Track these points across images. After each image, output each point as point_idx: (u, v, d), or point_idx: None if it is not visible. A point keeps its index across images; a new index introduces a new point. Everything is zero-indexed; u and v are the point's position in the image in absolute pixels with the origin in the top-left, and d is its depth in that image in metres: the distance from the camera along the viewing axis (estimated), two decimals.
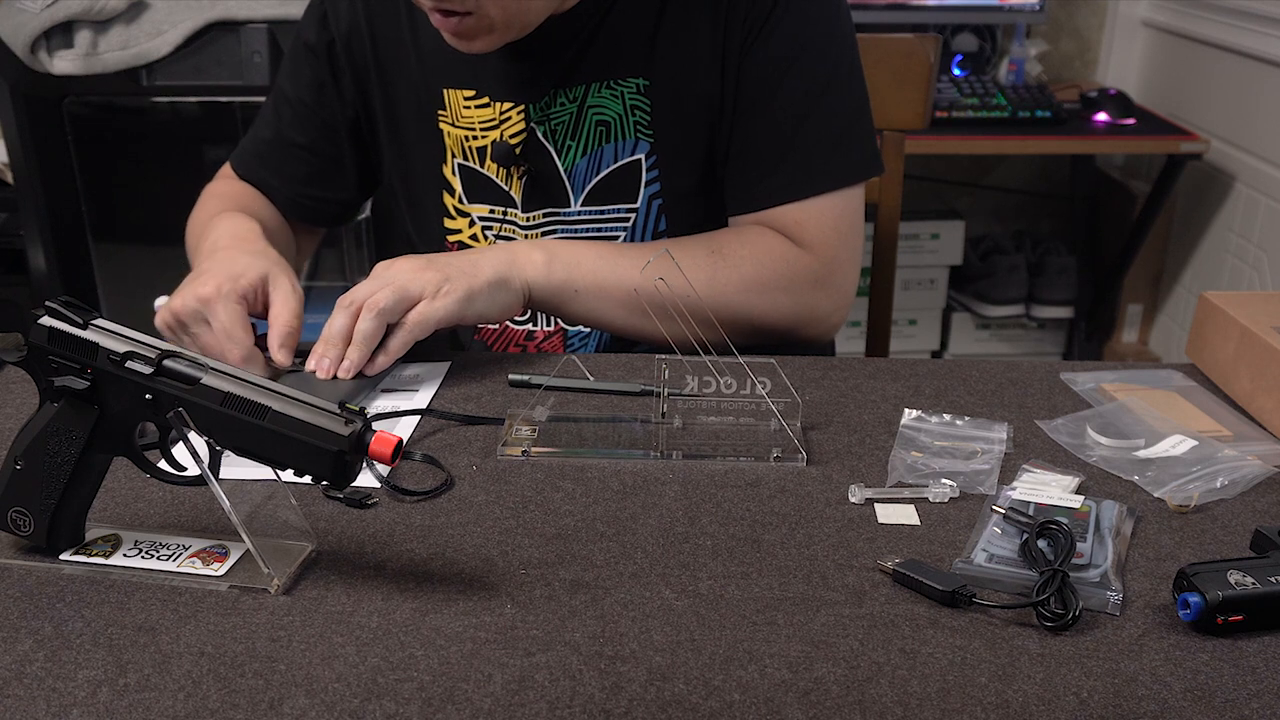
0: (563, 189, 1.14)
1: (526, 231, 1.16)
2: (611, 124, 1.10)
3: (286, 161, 1.22)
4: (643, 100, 1.09)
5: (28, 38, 2.04)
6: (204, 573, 0.72)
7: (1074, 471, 0.86)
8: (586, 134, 1.11)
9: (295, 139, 1.21)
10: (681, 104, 1.09)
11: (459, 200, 1.17)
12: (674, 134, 1.10)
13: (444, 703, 0.62)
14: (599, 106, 1.10)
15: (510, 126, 1.12)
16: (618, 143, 1.11)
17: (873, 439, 0.92)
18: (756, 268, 1.07)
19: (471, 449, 0.90)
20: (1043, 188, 2.98)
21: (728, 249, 1.07)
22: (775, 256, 1.08)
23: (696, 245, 1.08)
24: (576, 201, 1.13)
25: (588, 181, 1.13)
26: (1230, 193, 2.49)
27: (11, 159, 2.18)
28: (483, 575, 0.73)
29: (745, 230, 1.10)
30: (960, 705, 0.62)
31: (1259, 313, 1.00)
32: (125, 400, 0.70)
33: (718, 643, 0.67)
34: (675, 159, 1.11)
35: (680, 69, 1.08)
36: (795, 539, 0.78)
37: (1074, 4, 2.84)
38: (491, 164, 1.14)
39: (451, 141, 1.15)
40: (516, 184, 1.14)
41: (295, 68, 1.20)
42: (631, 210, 1.13)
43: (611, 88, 1.09)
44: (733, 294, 1.06)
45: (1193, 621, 0.68)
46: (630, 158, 1.11)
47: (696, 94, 1.09)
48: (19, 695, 0.62)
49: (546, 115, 1.11)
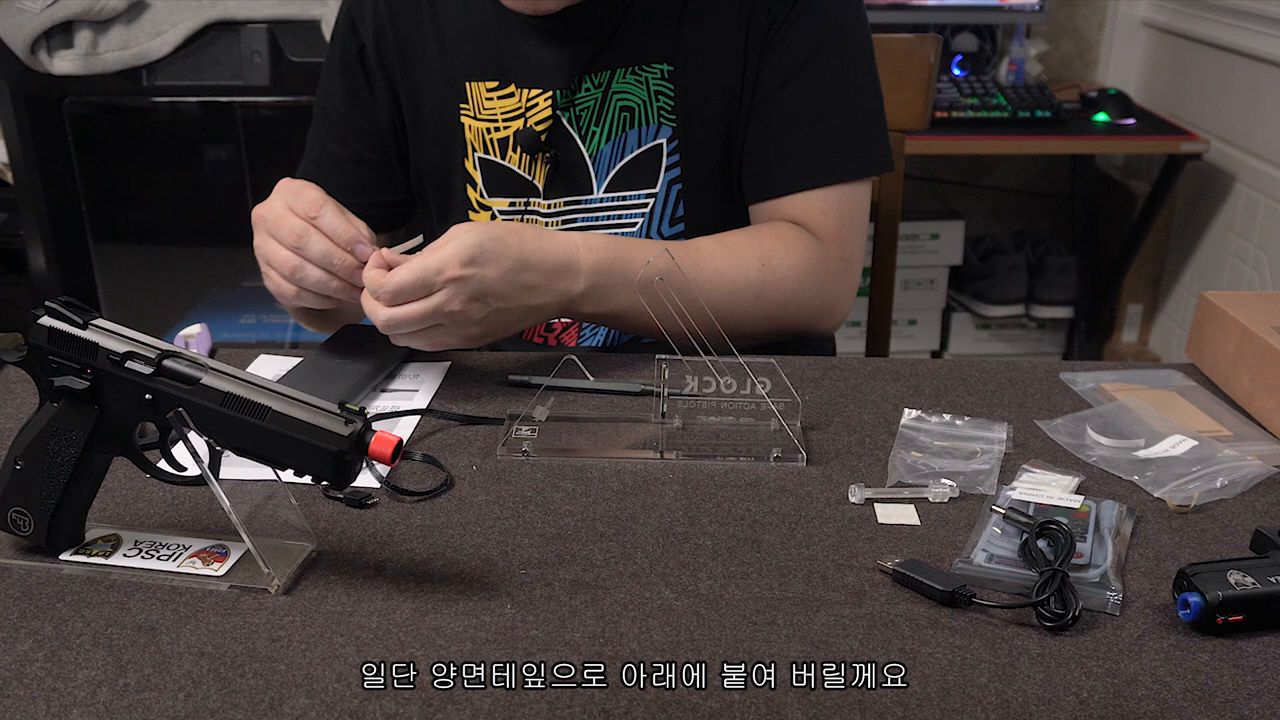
0: (586, 175, 1.14)
1: (548, 220, 1.16)
2: (636, 109, 1.12)
3: (334, 175, 1.21)
4: (667, 86, 1.11)
5: (28, 38, 2.04)
6: (204, 573, 0.72)
7: (1074, 471, 0.86)
8: (611, 120, 1.12)
9: (338, 152, 1.21)
10: (704, 90, 1.12)
11: (480, 194, 1.18)
12: (696, 120, 1.12)
13: (444, 703, 0.62)
14: (624, 92, 1.11)
15: (536, 113, 1.13)
16: (641, 128, 1.13)
17: (873, 439, 0.92)
18: (799, 281, 1.10)
19: (471, 449, 0.90)
20: (1042, 188, 2.98)
21: (775, 260, 1.09)
22: (813, 262, 1.10)
23: (748, 255, 1.08)
24: (600, 188, 1.14)
25: (611, 167, 1.14)
26: (1230, 193, 2.49)
27: (11, 159, 2.18)
28: (483, 575, 0.73)
29: (786, 234, 1.11)
30: (960, 705, 0.62)
31: (1259, 313, 1.00)
32: (125, 400, 0.70)
33: (718, 643, 0.67)
34: (696, 144, 1.13)
35: (704, 56, 1.11)
36: (795, 539, 0.78)
37: (1074, 4, 2.84)
38: (513, 155, 1.15)
39: (473, 135, 1.16)
40: (540, 171, 1.15)
41: (329, 81, 1.21)
42: (651, 195, 1.14)
43: (636, 73, 1.11)
44: (775, 309, 1.10)
45: (1193, 621, 0.68)
46: (653, 143, 1.13)
47: (718, 81, 1.11)
48: (19, 695, 0.62)
49: (572, 101, 1.12)
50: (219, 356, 1.07)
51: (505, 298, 0.96)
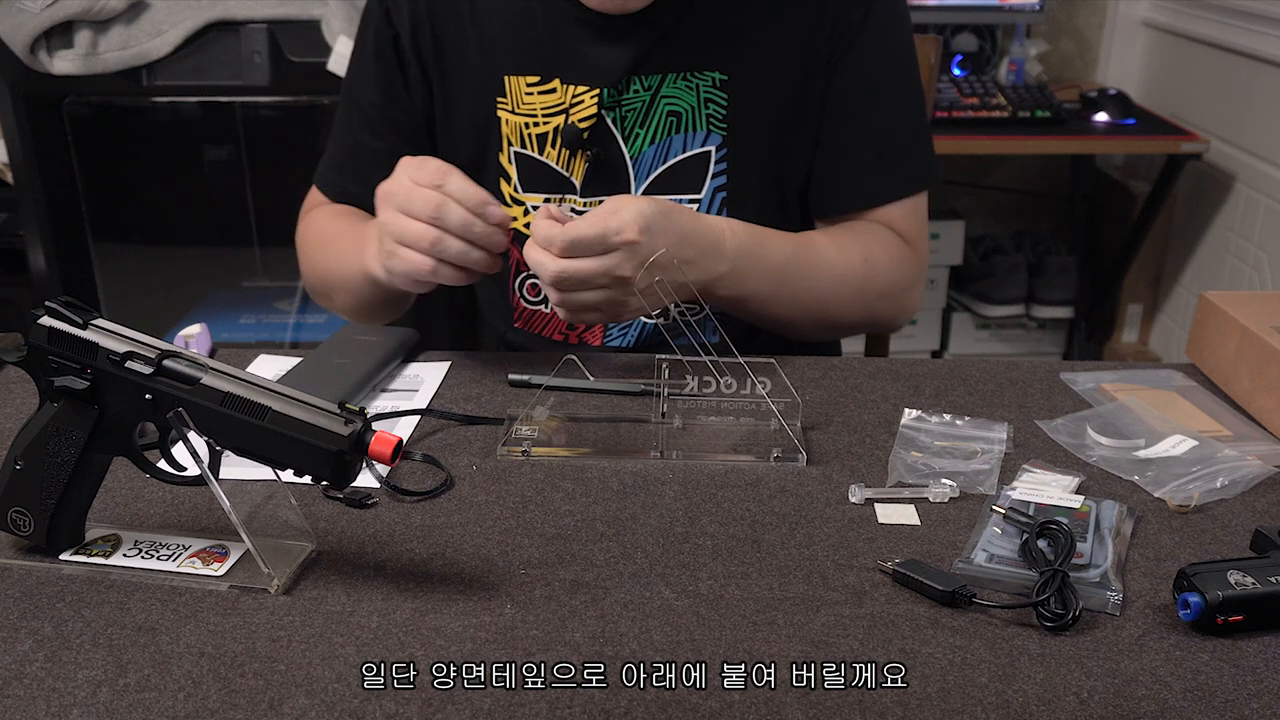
0: (625, 176, 1.14)
1: None
2: (683, 115, 1.12)
3: (367, 168, 1.20)
4: (719, 94, 1.11)
5: (28, 38, 2.04)
6: (204, 573, 0.72)
7: (1074, 471, 0.86)
8: (656, 123, 1.12)
9: (372, 143, 1.20)
10: (759, 102, 1.12)
11: (515, 189, 1.17)
12: (748, 130, 1.12)
13: (444, 703, 0.62)
14: (673, 97, 1.11)
15: (580, 110, 1.12)
16: (687, 134, 1.13)
17: (873, 439, 0.92)
18: (891, 278, 1.14)
19: (471, 449, 0.90)
20: (1042, 188, 2.98)
21: (875, 256, 1.12)
22: (904, 261, 1.14)
23: (854, 250, 1.11)
24: (638, 189, 1.14)
25: (653, 170, 1.14)
26: (1230, 193, 2.49)
27: (11, 159, 2.18)
28: (483, 575, 0.73)
29: (879, 233, 1.14)
30: (960, 705, 0.62)
31: (1259, 313, 1.00)
32: (125, 400, 0.70)
33: (718, 643, 0.67)
34: (746, 154, 1.13)
35: (761, 67, 1.11)
36: (795, 539, 0.78)
37: (1074, 4, 2.84)
38: (551, 151, 1.14)
39: (509, 129, 1.15)
40: (579, 168, 1.14)
41: (360, 74, 1.20)
42: (694, 200, 1.14)
43: (688, 79, 1.11)
44: (872, 301, 1.14)
45: (1193, 621, 0.68)
46: (700, 149, 1.13)
47: (775, 94, 1.12)
48: (19, 695, 0.62)
49: (618, 101, 1.12)
50: (219, 356, 1.07)
51: (667, 270, 0.96)
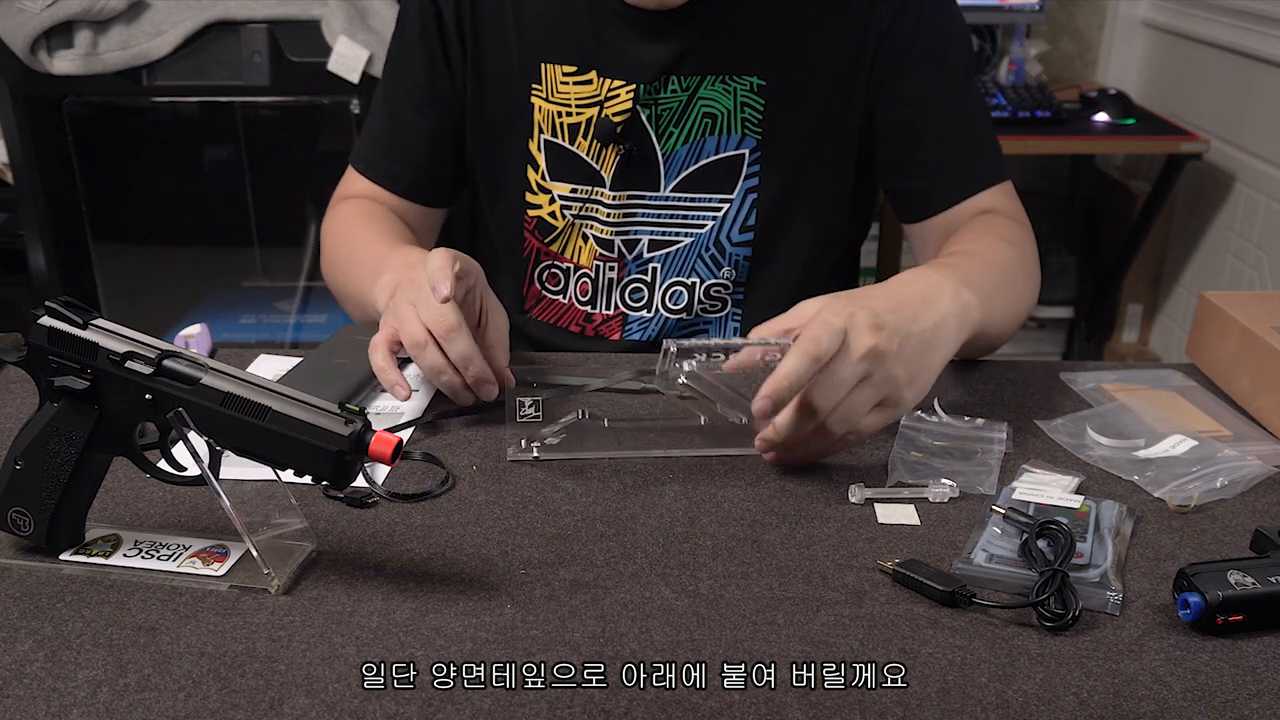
0: (655, 172, 1.14)
1: (610, 211, 1.15)
2: (719, 117, 1.12)
3: (408, 147, 1.21)
4: (756, 99, 1.11)
5: (28, 38, 2.04)
6: (204, 573, 0.72)
7: (1074, 471, 0.86)
8: (691, 123, 1.12)
9: (414, 122, 1.20)
10: (798, 107, 1.12)
11: (542, 176, 1.17)
12: (785, 134, 1.12)
13: (444, 703, 0.62)
14: (710, 99, 1.11)
15: (615, 104, 1.12)
16: (721, 136, 1.12)
17: (873, 439, 0.92)
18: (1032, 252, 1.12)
19: (471, 449, 0.90)
20: (1042, 188, 2.98)
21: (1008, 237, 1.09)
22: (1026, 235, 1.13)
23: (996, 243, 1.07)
24: (666, 187, 1.14)
25: (684, 169, 1.14)
26: (1230, 193, 2.49)
27: (11, 159, 2.18)
28: (483, 575, 0.73)
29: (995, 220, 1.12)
30: (960, 705, 0.62)
31: (1259, 313, 1.00)
32: (125, 400, 0.70)
33: (718, 643, 0.67)
34: (781, 158, 1.13)
35: (801, 74, 1.11)
36: (795, 539, 0.78)
37: (1074, 4, 2.84)
38: (582, 141, 1.14)
39: (541, 116, 1.15)
40: (610, 162, 1.14)
41: (403, 54, 1.20)
42: (725, 201, 1.14)
43: (726, 82, 1.11)
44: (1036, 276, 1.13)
45: (1193, 621, 0.68)
46: (734, 151, 1.13)
47: (814, 100, 1.12)
48: (19, 695, 0.62)
49: (654, 98, 1.11)
50: (219, 356, 1.07)
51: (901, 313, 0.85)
